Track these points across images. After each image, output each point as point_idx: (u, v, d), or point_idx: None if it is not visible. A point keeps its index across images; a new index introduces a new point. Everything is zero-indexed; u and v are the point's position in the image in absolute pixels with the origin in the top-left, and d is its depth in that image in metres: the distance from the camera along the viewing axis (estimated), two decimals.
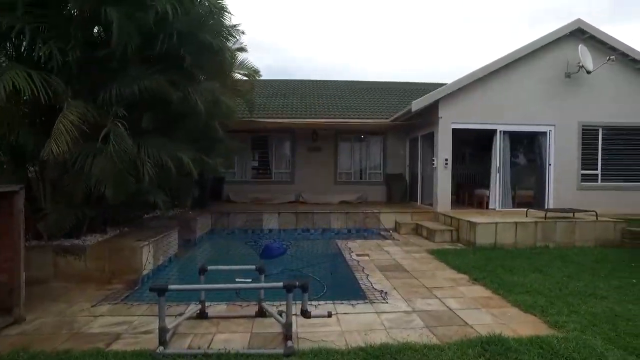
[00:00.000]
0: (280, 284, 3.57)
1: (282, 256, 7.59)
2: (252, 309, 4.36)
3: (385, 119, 12.96)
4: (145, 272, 5.81)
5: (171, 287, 3.56)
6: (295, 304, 3.82)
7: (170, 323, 3.65)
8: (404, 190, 13.09)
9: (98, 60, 5.78)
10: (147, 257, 5.92)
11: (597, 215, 8.64)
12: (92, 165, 5.24)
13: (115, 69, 5.85)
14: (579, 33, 10.48)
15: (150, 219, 8.50)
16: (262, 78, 14.43)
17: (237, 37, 8.46)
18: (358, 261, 6.92)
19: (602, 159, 10.88)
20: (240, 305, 4.59)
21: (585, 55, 10.07)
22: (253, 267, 4.47)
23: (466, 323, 4.10)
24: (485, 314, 4.39)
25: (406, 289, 5.30)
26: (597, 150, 10.86)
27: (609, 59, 10.06)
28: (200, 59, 6.94)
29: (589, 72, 10.15)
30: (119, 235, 6.55)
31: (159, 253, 6.48)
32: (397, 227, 10.27)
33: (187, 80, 6.72)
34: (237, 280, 5.40)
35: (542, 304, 4.59)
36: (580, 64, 10.11)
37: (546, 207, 10.37)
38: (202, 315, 4.16)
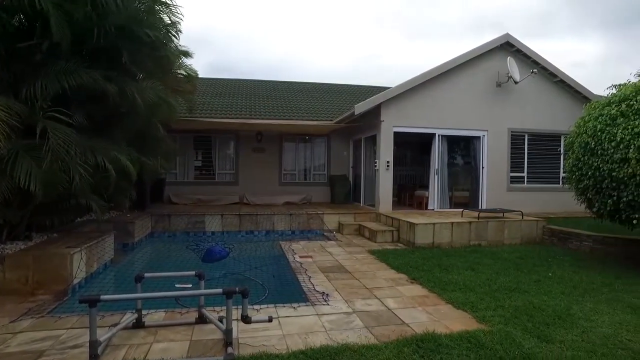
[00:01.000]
0: (220, 290, 3.53)
1: (224, 259, 7.47)
2: (192, 315, 4.27)
3: (329, 121, 13.15)
4: (76, 281, 5.46)
5: (103, 297, 3.38)
6: (237, 308, 3.79)
7: (102, 335, 3.48)
8: (348, 191, 13.36)
9: (21, 52, 5.36)
10: (79, 265, 5.57)
11: (522, 214, 9.35)
12: (15, 162, 4.83)
13: (40, 63, 5.45)
14: (508, 46, 11.29)
15: (83, 222, 8.00)
16: (206, 77, 14.15)
17: (177, 36, 8.16)
18: (301, 263, 6.98)
19: (527, 163, 11.80)
20: (180, 313, 4.47)
21: (513, 66, 10.87)
22: (193, 273, 4.38)
23: (403, 322, 4.28)
24: (422, 312, 4.61)
25: (347, 290, 5.43)
26: (524, 154, 11.76)
27: (532, 72, 10.99)
28: (139, 55, 6.65)
29: (516, 83, 10.97)
30: (47, 241, 6.09)
31: (93, 260, 6.12)
32: (340, 228, 10.46)
33: (126, 78, 6.41)
34: (176, 285, 5.26)
35: (473, 300, 4.90)
36: (509, 75, 10.89)
37: (480, 207, 11.06)
38: (138, 324, 4.00)
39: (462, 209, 10.21)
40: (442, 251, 7.95)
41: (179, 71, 10.84)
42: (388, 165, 10.58)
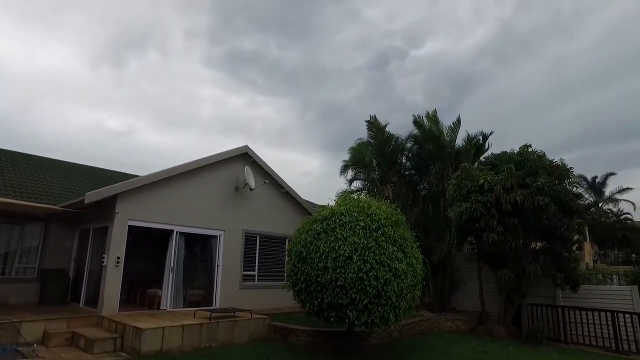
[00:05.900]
0: None
1: None
2: None
3: (52, 204, 11.17)
4: None
5: None
6: None
7: None
8: (65, 289, 11.19)
9: None
10: None
11: (251, 313, 9.95)
12: None
13: None
14: (247, 156, 12.84)
15: None
16: None
17: None
18: None
19: (259, 262, 12.95)
20: None
21: (249, 175, 12.31)
22: None
23: None
24: None
25: None
26: (256, 254, 12.90)
27: (264, 182, 12.80)
28: None
29: (251, 189, 12.37)
30: None
31: None
32: (45, 339, 8.44)
33: None
34: None
35: None
36: (246, 182, 12.23)
37: (214, 305, 11.17)
38: None
39: (195, 309, 10.06)
40: (171, 358, 7.48)
41: None
42: (118, 262, 9.63)
